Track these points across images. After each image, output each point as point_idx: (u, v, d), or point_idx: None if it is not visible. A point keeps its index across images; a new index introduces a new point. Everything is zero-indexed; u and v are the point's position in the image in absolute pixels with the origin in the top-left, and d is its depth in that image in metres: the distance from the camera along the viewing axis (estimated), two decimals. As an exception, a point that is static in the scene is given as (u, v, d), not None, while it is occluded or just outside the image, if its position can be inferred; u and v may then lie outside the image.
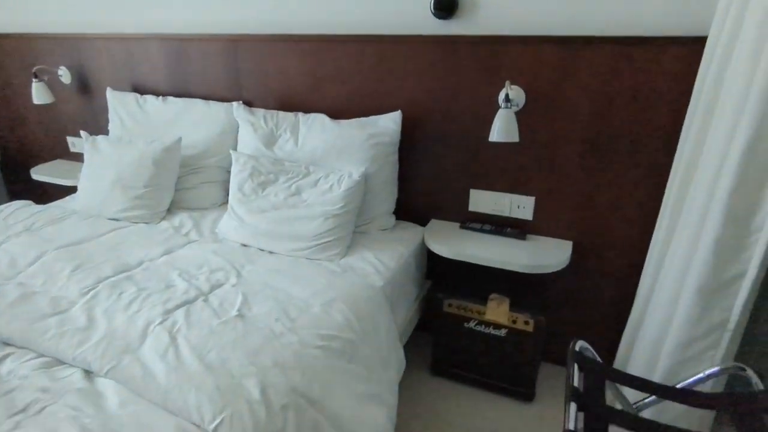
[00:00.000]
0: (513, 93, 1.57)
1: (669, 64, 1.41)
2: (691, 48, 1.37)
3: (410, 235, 1.81)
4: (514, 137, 1.51)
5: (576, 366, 1.16)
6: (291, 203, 1.70)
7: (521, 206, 1.76)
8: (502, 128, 1.50)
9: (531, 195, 1.74)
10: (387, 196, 1.82)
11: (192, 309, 1.23)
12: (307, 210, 1.67)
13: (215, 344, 1.10)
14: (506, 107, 1.51)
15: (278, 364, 1.06)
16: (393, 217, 1.87)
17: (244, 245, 1.71)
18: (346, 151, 1.75)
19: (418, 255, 1.81)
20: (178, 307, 1.24)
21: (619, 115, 1.52)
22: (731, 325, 1.20)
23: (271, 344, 1.11)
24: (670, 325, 1.32)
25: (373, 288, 1.45)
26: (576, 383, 1.11)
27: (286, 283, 1.40)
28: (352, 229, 1.70)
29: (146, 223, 1.88)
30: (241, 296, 1.31)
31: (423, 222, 1.92)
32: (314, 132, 1.82)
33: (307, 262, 1.59)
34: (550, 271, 1.61)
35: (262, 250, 1.68)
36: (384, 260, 1.61)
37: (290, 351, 1.11)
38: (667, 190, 1.47)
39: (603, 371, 1.15)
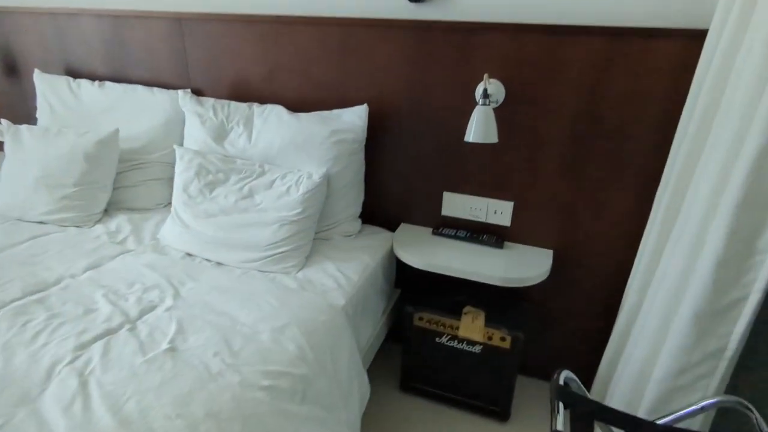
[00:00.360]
0: (492, 87, 1.41)
1: (664, 60, 1.27)
2: (689, 42, 1.23)
3: (378, 242, 1.64)
4: (493, 137, 1.35)
5: (561, 404, 1.01)
6: (242, 207, 1.50)
7: (498, 211, 1.61)
8: (480, 127, 1.34)
9: (509, 200, 1.59)
10: (352, 199, 1.64)
11: (113, 342, 1.03)
12: (261, 215, 1.48)
13: (135, 390, 0.91)
14: (484, 104, 1.34)
15: (212, 413, 0.88)
16: (359, 222, 1.69)
17: (189, 254, 1.51)
18: (305, 149, 1.56)
19: (387, 264, 1.65)
20: (95, 339, 1.04)
21: (607, 114, 1.38)
22: (729, 353, 1.09)
23: (206, 388, 0.93)
24: (659, 350, 1.20)
25: (333, 308, 1.27)
26: (560, 426, 0.97)
27: (232, 304, 1.21)
28: (312, 236, 1.52)
29: (78, 227, 1.64)
30: (175, 323, 1.11)
31: (392, 226, 1.75)
32: (270, 126, 1.62)
33: (260, 276, 1.40)
34: (529, 284, 1.46)
35: (209, 260, 1.48)
36: (347, 273, 1.44)
37: (229, 395, 0.92)
38: (656, 199, 1.35)
39: (593, 411, 1.01)
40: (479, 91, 1.45)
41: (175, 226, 1.56)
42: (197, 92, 1.82)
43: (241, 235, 1.47)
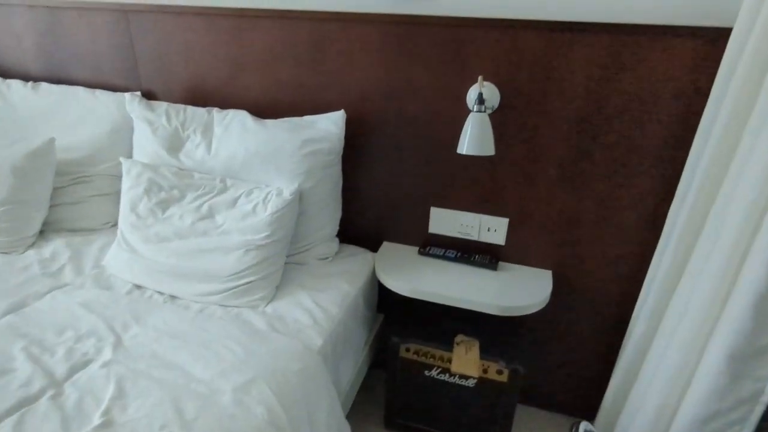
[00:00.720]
0: (486, 92, 1.24)
1: (677, 61, 1.13)
2: (708, 42, 1.09)
3: (358, 265, 1.46)
4: (489, 149, 1.19)
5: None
6: (201, 229, 1.29)
7: (492, 229, 1.45)
8: (475, 138, 1.17)
9: (504, 216, 1.43)
10: (328, 217, 1.45)
11: (27, 418, 0.81)
12: (223, 239, 1.27)
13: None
14: (479, 110, 1.18)
15: None
16: (336, 242, 1.50)
17: (138, 287, 1.29)
18: (274, 161, 1.36)
19: (368, 290, 1.46)
20: (6, 414, 0.82)
21: (613, 121, 1.23)
22: (765, 398, 0.95)
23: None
24: (683, 393, 1.06)
25: (309, 351, 1.08)
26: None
27: (186, 354, 1.00)
28: (283, 262, 1.32)
29: (5, 253, 1.40)
30: (113, 385, 0.90)
31: (374, 245, 1.57)
32: (233, 134, 1.41)
33: (221, 312, 1.20)
34: (528, 312, 1.31)
35: (161, 293, 1.27)
36: (324, 304, 1.25)
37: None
38: (670, 217, 1.21)
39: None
40: (471, 95, 1.28)
41: (122, 252, 1.33)
42: (148, 95, 1.60)
43: (200, 263, 1.26)
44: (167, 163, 1.43)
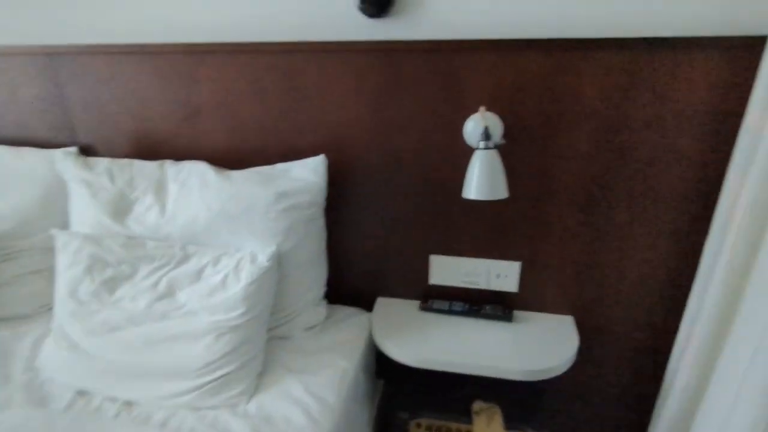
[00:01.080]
0: (490, 123, 1.07)
1: (702, 77, 1.00)
2: (739, 53, 0.96)
3: (353, 332, 1.24)
4: (501, 192, 1.01)
5: None
6: (159, 312, 1.06)
7: (502, 275, 1.27)
8: (484, 180, 0.99)
9: (515, 259, 1.25)
10: (313, 279, 1.23)
11: None
12: (188, 322, 1.04)
13: None
14: (486, 147, 1.00)
15: None
16: (324, 306, 1.28)
17: (81, 393, 1.03)
18: (244, 221, 1.14)
19: (367, 359, 1.25)
20: None
21: (632, 148, 1.08)
22: None
23: None
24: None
25: (309, 465, 0.85)
26: None
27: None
28: (264, 343, 1.10)
29: None
30: None
31: (367, 303, 1.36)
32: (191, 191, 1.19)
33: (193, 420, 0.96)
34: (557, 373, 1.12)
35: (114, 399, 1.01)
36: (320, 392, 1.03)
37: None
38: (706, 251, 1.06)
39: None
40: (469, 127, 1.11)
41: (60, 349, 1.08)
42: (87, 151, 1.35)
43: (161, 356, 1.02)
44: (113, 233, 1.18)
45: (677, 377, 1.14)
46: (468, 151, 1.12)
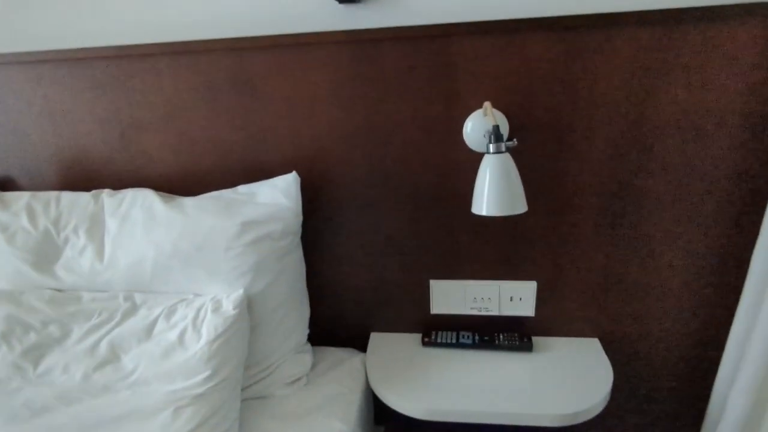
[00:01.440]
0: (498, 121, 0.88)
1: (747, 53, 0.83)
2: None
3: (346, 382, 1.03)
4: (520, 205, 0.82)
5: None
6: (100, 385, 0.84)
7: (516, 297, 1.09)
8: (499, 190, 0.80)
9: (530, 279, 1.07)
10: (293, 322, 1.02)
11: None
12: (137, 394, 0.82)
13: None
14: (497, 150, 0.81)
15: None
16: (308, 352, 1.07)
17: (1, 503, 0.80)
18: (202, 260, 0.92)
19: (365, 411, 1.04)
20: None
21: (662, 143, 0.91)
22: None
23: None
24: None
25: None
26: None
27: None
28: (237, 412, 0.88)
29: None
30: None
31: (358, 340, 1.16)
32: (135, 227, 0.96)
33: None
34: (592, 416, 0.94)
35: None
36: (311, 470, 0.82)
37: None
38: (754, 259, 0.90)
39: None
40: (470, 128, 0.93)
41: (-28, 444, 0.83)
42: (3, 184, 1.11)
43: (103, 445, 0.79)
44: (36, 285, 0.95)
45: (728, 404, 0.98)
46: (470, 157, 0.94)
